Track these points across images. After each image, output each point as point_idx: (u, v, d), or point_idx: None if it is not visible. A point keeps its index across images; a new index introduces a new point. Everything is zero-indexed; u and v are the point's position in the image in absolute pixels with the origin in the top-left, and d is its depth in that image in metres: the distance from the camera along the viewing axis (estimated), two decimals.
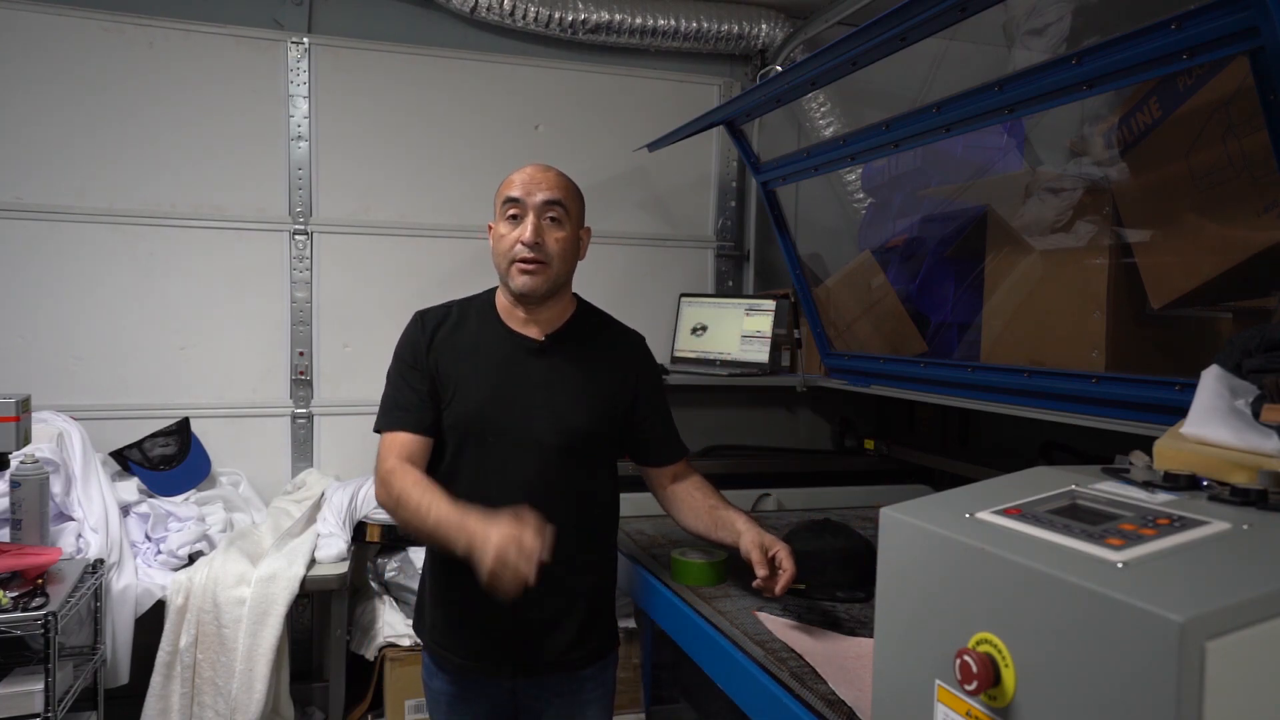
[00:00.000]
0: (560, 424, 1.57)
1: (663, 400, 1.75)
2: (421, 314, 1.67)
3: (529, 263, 1.54)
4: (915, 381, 2.25)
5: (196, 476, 2.81)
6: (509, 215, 1.57)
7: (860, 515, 2.25)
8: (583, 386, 1.61)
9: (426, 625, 1.69)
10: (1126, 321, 1.79)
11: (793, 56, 3.27)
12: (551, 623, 1.59)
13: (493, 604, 1.48)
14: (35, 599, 1.99)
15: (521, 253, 1.54)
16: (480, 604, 1.49)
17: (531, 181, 1.56)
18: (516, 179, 1.58)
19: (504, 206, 1.57)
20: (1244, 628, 0.64)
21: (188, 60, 2.89)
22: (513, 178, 1.59)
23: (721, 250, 3.53)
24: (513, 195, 1.56)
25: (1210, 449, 0.96)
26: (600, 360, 1.65)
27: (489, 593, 1.34)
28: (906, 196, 2.67)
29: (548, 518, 1.47)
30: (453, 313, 1.67)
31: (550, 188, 1.56)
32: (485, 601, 1.47)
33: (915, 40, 1.69)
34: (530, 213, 1.55)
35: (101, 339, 2.86)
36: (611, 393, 1.64)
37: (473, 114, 3.18)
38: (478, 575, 1.34)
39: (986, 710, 0.80)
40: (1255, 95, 1.25)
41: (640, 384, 1.69)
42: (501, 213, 1.58)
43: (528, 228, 1.54)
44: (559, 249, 1.57)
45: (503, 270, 1.59)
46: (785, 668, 1.34)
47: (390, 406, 1.61)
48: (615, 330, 1.73)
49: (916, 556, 0.90)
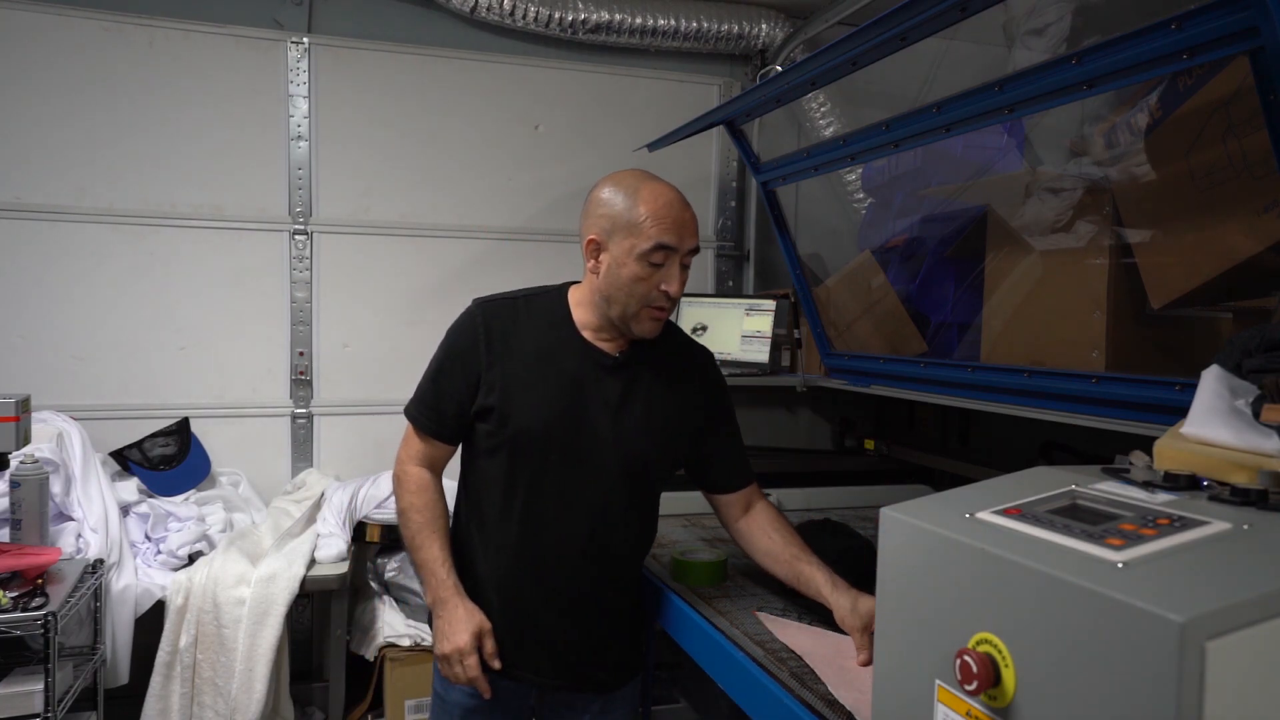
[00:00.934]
0: (629, 450, 1.50)
1: (733, 421, 1.67)
2: (483, 305, 1.54)
3: (663, 310, 1.47)
4: (915, 381, 2.25)
5: (196, 476, 2.81)
6: (653, 261, 1.42)
7: (860, 515, 2.25)
8: (654, 410, 1.53)
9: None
10: (1126, 321, 1.79)
11: (793, 56, 3.27)
12: (597, 642, 1.56)
13: (535, 616, 1.51)
14: (35, 599, 1.99)
15: (660, 300, 1.45)
16: (523, 614, 1.50)
17: (683, 225, 1.45)
18: (668, 218, 1.42)
19: (652, 251, 1.42)
20: (1244, 628, 0.64)
21: (188, 60, 2.89)
22: (659, 213, 1.42)
23: (721, 250, 3.53)
24: (669, 244, 1.42)
25: (1210, 449, 0.96)
26: (671, 380, 1.57)
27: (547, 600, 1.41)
28: (906, 196, 2.67)
29: (605, 540, 1.51)
30: (519, 309, 1.54)
31: (695, 233, 1.47)
32: (528, 612, 1.49)
33: (915, 40, 1.69)
34: (678, 262, 1.45)
35: (101, 339, 2.86)
36: (682, 416, 1.57)
37: (473, 114, 3.18)
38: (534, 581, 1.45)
39: (986, 710, 0.80)
40: (1255, 95, 1.25)
41: (710, 405, 1.62)
42: (642, 253, 1.42)
43: (675, 280, 1.44)
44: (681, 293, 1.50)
45: (628, 311, 1.46)
46: (785, 668, 1.34)
47: (427, 402, 1.54)
48: (683, 345, 1.65)
49: (916, 556, 0.90)
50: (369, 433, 3.09)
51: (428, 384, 1.54)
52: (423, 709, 2.60)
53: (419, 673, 2.59)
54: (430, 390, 1.53)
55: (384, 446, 3.05)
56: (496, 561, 1.53)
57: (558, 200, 3.26)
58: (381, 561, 2.77)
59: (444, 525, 1.55)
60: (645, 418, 1.52)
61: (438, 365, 1.54)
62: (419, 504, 1.52)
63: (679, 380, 1.59)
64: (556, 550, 1.51)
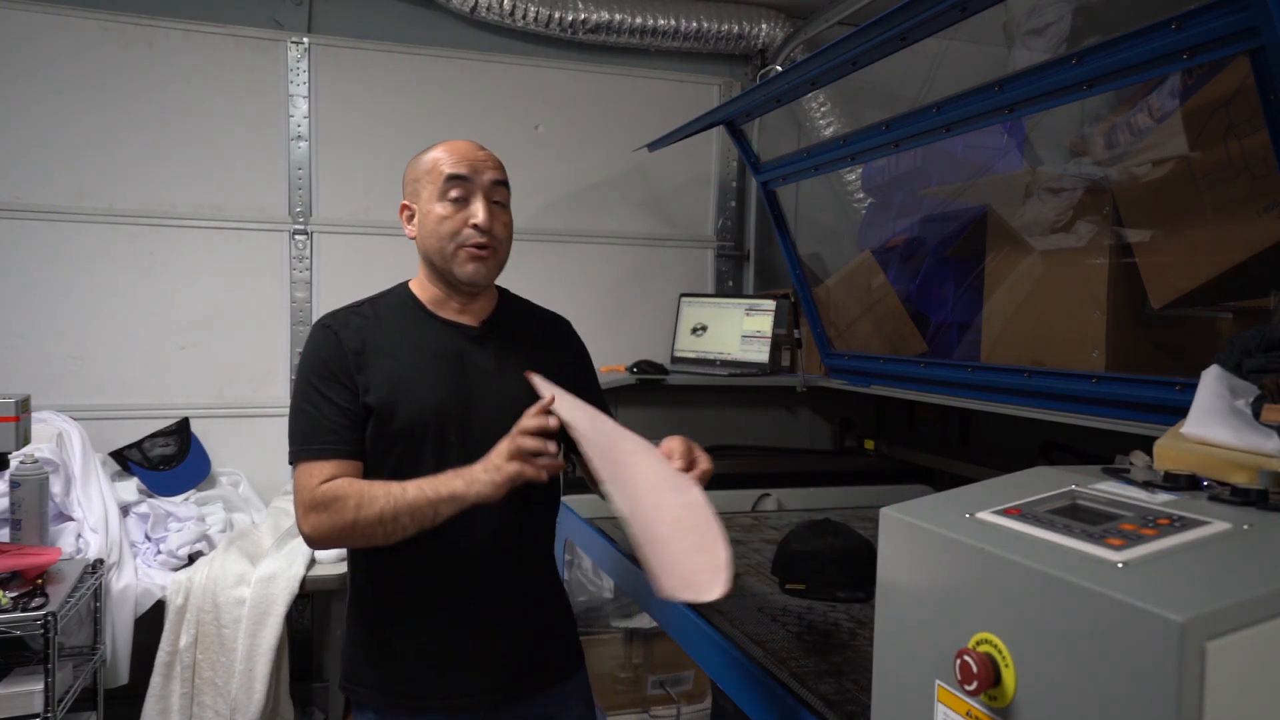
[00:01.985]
0: (521, 411, 1.32)
1: (596, 384, 1.63)
2: (329, 319, 1.47)
3: (481, 248, 1.42)
4: (915, 381, 2.25)
5: (196, 476, 2.81)
6: (452, 196, 1.42)
7: (860, 515, 2.25)
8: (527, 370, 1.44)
9: (380, 675, 1.43)
10: (1126, 321, 1.79)
11: (793, 56, 3.27)
12: (536, 629, 1.46)
13: (468, 626, 1.40)
14: (35, 599, 1.99)
15: (473, 237, 1.41)
16: (456, 629, 1.40)
17: (477, 159, 1.44)
18: (455, 154, 1.43)
19: (446, 185, 1.42)
20: (1244, 628, 0.64)
21: (187, 60, 2.89)
22: (447, 153, 1.44)
23: (721, 250, 3.53)
24: (459, 173, 1.42)
25: (1210, 449, 0.96)
26: (537, 346, 1.54)
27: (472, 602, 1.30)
28: (906, 196, 2.67)
29: (522, 515, 1.43)
30: (365, 312, 1.49)
31: (496, 167, 1.46)
32: (460, 626, 1.39)
33: (915, 40, 1.69)
34: (479, 193, 1.42)
35: (101, 339, 2.86)
36: (552, 376, 1.43)
37: (473, 114, 3.17)
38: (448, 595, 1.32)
39: (986, 710, 0.80)
40: (1255, 95, 1.25)
41: (579, 373, 1.58)
42: (439, 191, 1.42)
43: (480, 209, 1.41)
44: (507, 234, 1.47)
45: (445, 255, 1.43)
46: (785, 668, 1.34)
47: (309, 431, 1.37)
48: (542, 315, 1.64)
49: (916, 556, 0.90)
50: None
51: (308, 414, 1.39)
52: None
53: None
54: (315, 416, 1.38)
55: None
56: (405, 580, 1.41)
57: (558, 200, 3.26)
58: None
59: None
60: (523, 380, 1.41)
61: (309, 390, 1.40)
62: (362, 485, 1.33)
63: (548, 347, 1.56)
64: (472, 540, 1.39)
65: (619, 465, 1.26)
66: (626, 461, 1.27)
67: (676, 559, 1.14)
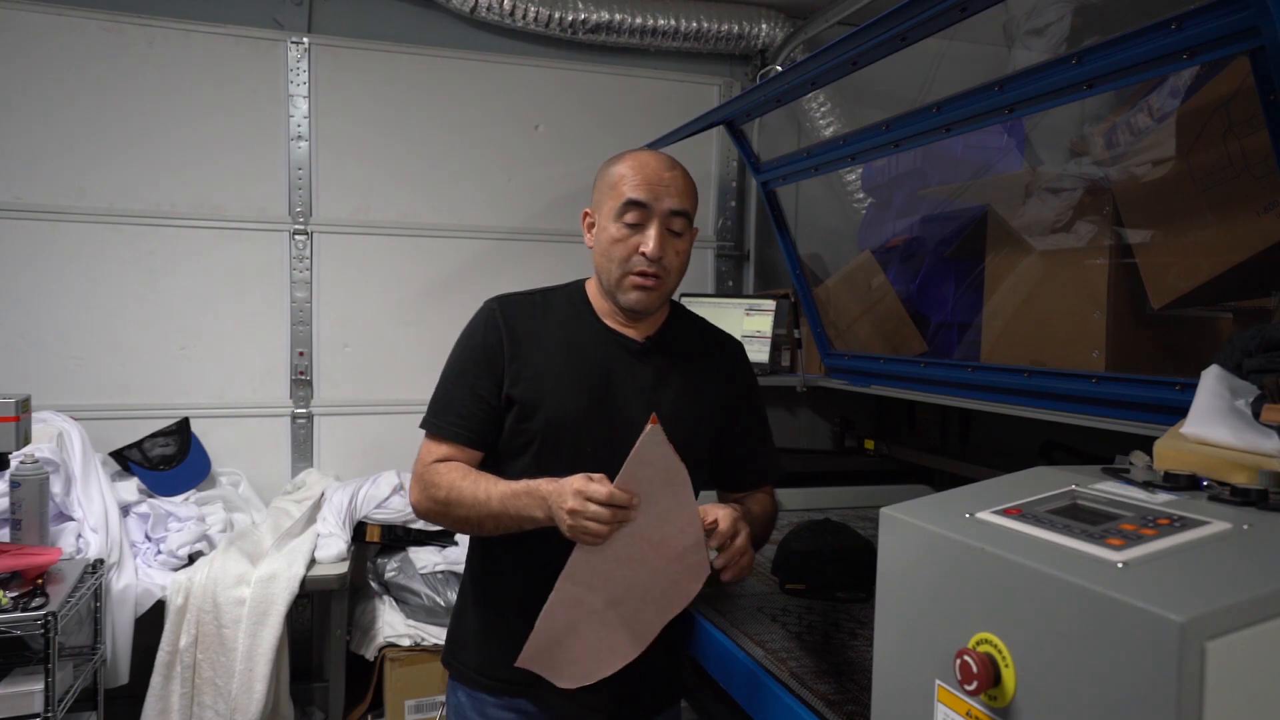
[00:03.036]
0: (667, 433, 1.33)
1: (759, 415, 1.57)
2: (500, 301, 1.46)
3: (647, 277, 1.37)
4: (915, 381, 2.25)
5: (196, 476, 2.81)
6: (629, 220, 1.36)
7: (860, 515, 2.25)
8: (685, 393, 1.44)
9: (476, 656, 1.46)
10: (1126, 321, 1.79)
11: (793, 56, 3.27)
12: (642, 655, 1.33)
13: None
14: (35, 599, 1.99)
15: (640, 265, 1.36)
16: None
17: (659, 184, 1.37)
18: (640, 175, 1.37)
19: (623, 208, 1.36)
20: (1244, 628, 0.64)
21: (188, 60, 2.89)
22: (633, 171, 1.38)
23: (721, 250, 3.53)
24: (637, 199, 1.36)
25: (1210, 449, 0.96)
26: (700, 368, 1.49)
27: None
28: (906, 196, 2.67)
29: None
30: (536, 302, 1.47)
31: (678, 194, 1.39)
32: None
33: (915, 40, 1.69)
34: (655, 221, 1.36)
35: (101, 339, 2.86)
36: (712, 401, 1.46)
37: (473, 114, 3.18)
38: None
39: (986, 710, 0.80)
40: (1255, 95, 1.25)
41: (737, 396, 1.53)
42: (616, 212, 1.37)
43: (651, 239, 1.35)
44: (679, 263, 1.41)
45: (613, 278, 1.39)
46: (785, 668, 1.34)
47: (444, 408, 1.41)
48: (712, 336, 1.57)
49: (916, 556, 0.90)
50: (369, 433, 3.09)
51: (448, 389, 1.43)
52: (423, 709, 2.60)
53: (419, 673, 2.59)
54: (452, 394, 1.41)
55: (384, 446, 3.05)
56: (534, 577, 1.35)
57: (557, 200, 3.26)
58: (381, 561, 2.77)
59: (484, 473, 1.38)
60: (679, 402, 1.42)
61: (458, 367, 1.43)
62: (458, 475, 1.34)
63: (711, 370, 1.50)
64: None
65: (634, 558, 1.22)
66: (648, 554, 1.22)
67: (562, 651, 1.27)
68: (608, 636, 1.25)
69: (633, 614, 1.24)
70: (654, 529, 1.20)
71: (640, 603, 1.24)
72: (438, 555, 2.71)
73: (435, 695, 2.60)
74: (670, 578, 1.23)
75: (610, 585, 1.22)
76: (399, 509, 2.73)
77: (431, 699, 2.60)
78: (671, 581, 1.23)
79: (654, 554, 1.21)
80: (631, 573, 1.21)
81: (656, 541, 1.21)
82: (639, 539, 1.20)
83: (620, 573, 1.21)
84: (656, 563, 1.21)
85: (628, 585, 1.22)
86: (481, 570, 1.49)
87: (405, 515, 2.73)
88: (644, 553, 1.21)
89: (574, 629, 1.24)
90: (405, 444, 2.64)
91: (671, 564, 1.22)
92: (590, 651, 1.26)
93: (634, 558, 1.21)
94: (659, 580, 1.23)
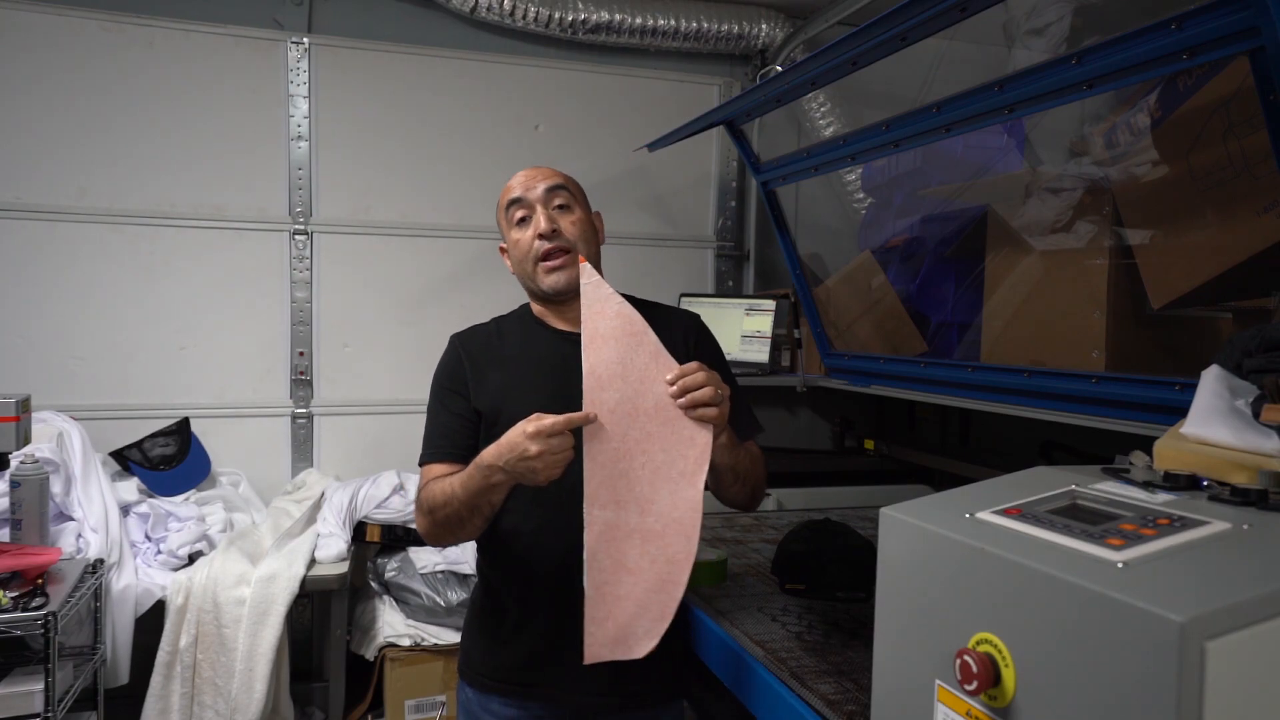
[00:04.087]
0: None
1: (729, 375, 1.56)
2: (459, 335, 1.59)
3: (553, 255, 1.46)
4: (915, 381, 2.25)
5: (196, 476, 2.81)
6: (518, 220, 1.49)
7: (860, 515, 2.25)
8: None
9: (483, 657, 1.52)
10: (1126, 321, 1.79)
11: (793, 56, 3.27)
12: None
13: (576, 620, 1.33)
14: (35, 599, 1.99)
15: (541, 247, 1.46)
16: (561, 622, 1.40)
17: (530, 178, 1.50)
18: (513, 182, 1.52)
19: (509, 213, 1.50)
20: (1244, 628, 0.64)
21: (188, 60, 2.89)
22: (509, 184, 1.53)
23: (721, 250, 3.53)
24: (515, 197, 1.49)
25: (1210, 449, 0.96)
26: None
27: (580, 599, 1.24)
28: (906, 196, 2.67)
29: None
30: (489, 328, 1.59)
31: (548, 176, 1.50)
32: (568, 618, 1.35)
33: (915, 40, 1.69)
34: (538, 206, 1.47)
35: (101, 339, 2.86)
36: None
37: (473, 114, 3.18)
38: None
39: (986, 710, 0.80)
40: (1255, 95, 1.26)
41: (699, 355, 1.50)
42: (509, 221, 1.50)
43: (540, 219, 1.45)
44: (578, 231, 1.48)
45: (529, 275, 1.49)
46: (785, 667, 1.34)
47: (430, 437, 1.51)
48: (661, 313, 1.58)
49: (916, 556, 0.90)
50: (369, 433, 3.09)
51: (431, 421, 1.52)
52: (423, 709, 2.60)
53: (419, 673, 2.59)
54: (434, 423, 1.51)
55: (384, 446, 3.05)
56: (524, 574, 1.46)
57: None
58: (381, 561, 2.77)
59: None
60: None
61: (435, 401, 1.53)
62: (432, 486, 1.41)
63: (668, 343, 1.46)
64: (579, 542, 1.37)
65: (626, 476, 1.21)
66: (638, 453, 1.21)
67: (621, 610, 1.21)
68: (659, 550, 1.20)
69: (668, 505, 1.19)
70: (642, 394, 1.20)
71: (671, 484, 1.20)
72: (438, 555, 2.71)
73: (435, 695, 2.60)
74: (683, 435, 1.20)
75: (634, 484, 1.20)
76: (399, 509, 2.73)
77: (431, 699, 2.60)
78: (686, 440, 1.20)
79: (656, 420, 1.20)
80: (646, 455, 1.20)
81: (650, 407, 1.20)
82: (634, 413, 1.19)
83: (636, 460, 1.19)
84: (662, 428, 1.20)
85: (650, 471, 1.20)
86: (488, 572, 1.54)
87: (405, 515, 2.73)
88: (645, 426, 1.20)
89: (620, 569, 1.19)
90: (405, 444, 2.64)
91: (676, 422, 1.20)
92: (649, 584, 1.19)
93: (639, 436, 1.20)
94: (674, 445, 1.20)
